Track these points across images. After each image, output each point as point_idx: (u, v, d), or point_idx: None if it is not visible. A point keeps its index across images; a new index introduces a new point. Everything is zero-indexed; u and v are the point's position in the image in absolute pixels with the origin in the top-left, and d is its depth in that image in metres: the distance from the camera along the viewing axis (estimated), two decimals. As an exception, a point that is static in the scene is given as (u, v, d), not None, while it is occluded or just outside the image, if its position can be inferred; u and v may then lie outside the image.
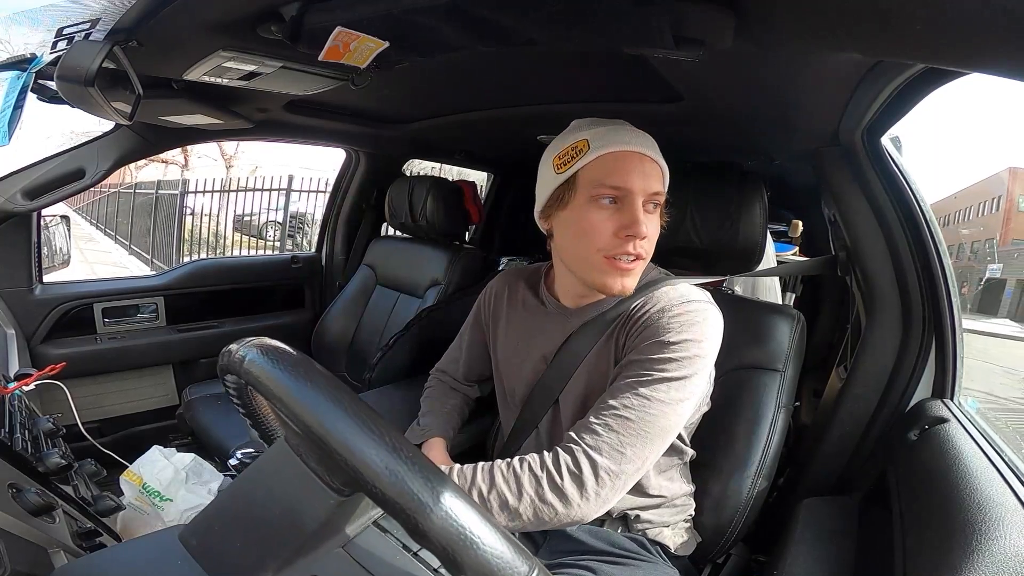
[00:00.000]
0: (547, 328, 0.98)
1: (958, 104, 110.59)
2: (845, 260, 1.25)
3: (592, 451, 0.75)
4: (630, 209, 0.81)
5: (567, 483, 0.73)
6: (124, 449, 1.40)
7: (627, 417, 0.76)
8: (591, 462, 0.74)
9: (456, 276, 1.95)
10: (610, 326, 0.90)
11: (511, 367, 1.04)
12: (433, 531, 0.41)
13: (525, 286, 1.06)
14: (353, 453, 0.43)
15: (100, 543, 0.86)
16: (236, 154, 14.23)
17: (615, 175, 0.80)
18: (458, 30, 0.75)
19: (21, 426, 0.99)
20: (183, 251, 7.18)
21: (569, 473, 0.74)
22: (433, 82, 1.27)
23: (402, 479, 0.42)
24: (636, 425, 0.76)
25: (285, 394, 0.46)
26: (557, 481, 0.73)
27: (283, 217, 6.84)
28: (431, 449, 1.03)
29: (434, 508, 0.41)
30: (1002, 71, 0.53)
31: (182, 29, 0.82)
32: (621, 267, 0.82)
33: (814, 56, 0.76)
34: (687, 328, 0.81)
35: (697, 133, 1.34)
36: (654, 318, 0.83)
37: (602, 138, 0.82)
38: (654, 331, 0.82)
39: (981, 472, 0.76)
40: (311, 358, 0.53)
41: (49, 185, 1.48)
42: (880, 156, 1.10)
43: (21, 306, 1.62)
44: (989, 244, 20.93)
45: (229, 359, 0.51)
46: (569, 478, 0.74)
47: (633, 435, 0.76)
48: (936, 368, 1.11)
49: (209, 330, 2.01)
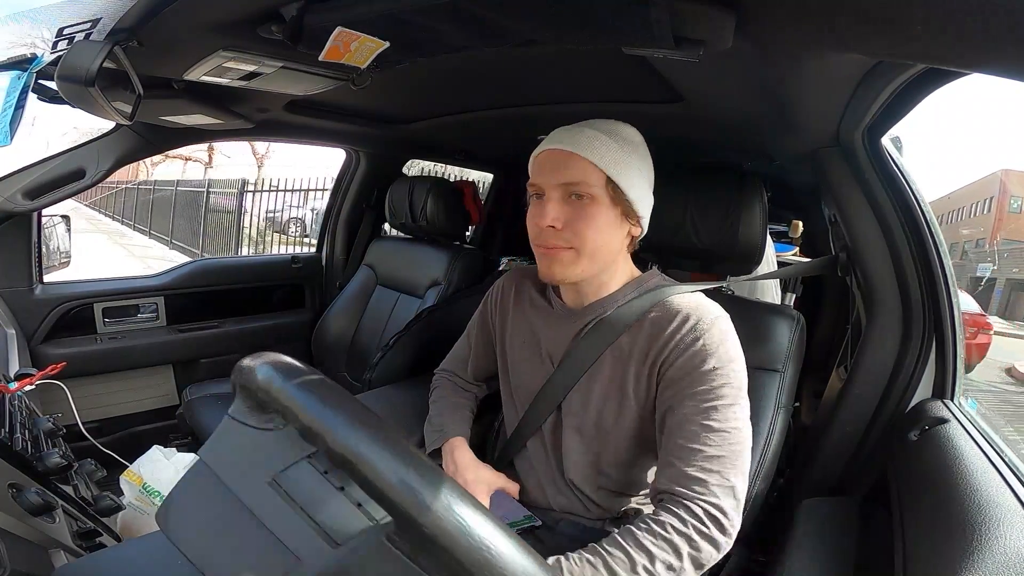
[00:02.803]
0: (553, 329, 0.99)
1: (956, 104, 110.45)
2: (845, 261, 1.25)
3: (710, 497, 0.78)
4: (542, 201, 0.88)
5: (714, 533, 0.76)
6: (124, 449, 1.40)
7: (719, 455, 0.80)
8: (714, 506, 0.77)
9: (456, 276, 1.95)
10: (619, 334, 0.92)
11: (517, 366, 1.05)
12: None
13: (532, 286, 1.07)
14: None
15: (100, 543, 0.86)
16: (267, 153, 14.66)
17: (535, 174, 0.89)
18: (458, 30, 0.75)
19: (21, 426, 0.99)
20: (240, 244, 7.76)
21: (712, 523, 0.77)
22: (433, 82, 1.27)
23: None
24: (723, 460, 0.79)
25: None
26: (706, 533, 0.76)
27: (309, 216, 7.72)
28: (456, 449, 1.03)
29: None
30: (1003, 71, 0.53)
31: (182, 29, 0.82)
32: (546, 254, 0.89)
33: (814, 56, 0.76)
34: (723, 347, 0.85)
35: (697, 133, 1.34)
36: (687, 342, 0.85)
37: (545, 142, 0.89)
38: (692, 360, 0.84)
39: (981, 472, 0.76)
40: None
41: (49, 185, 1.48)
42: (881, 157, 1.10)
43: (21, 306, 1.62)
44: (979, 244, 21.13)
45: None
46: (713, 526, 0.77)
47: (730, 468, 0.80)
48: (936, 368, 1.11)
49: (209, 330, 2.01)
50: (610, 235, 0.88)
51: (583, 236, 0.86)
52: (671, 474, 0.81)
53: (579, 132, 0.87)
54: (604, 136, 0.86)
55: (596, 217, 0.86)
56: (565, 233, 0.86)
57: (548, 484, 1.01)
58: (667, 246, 1.15)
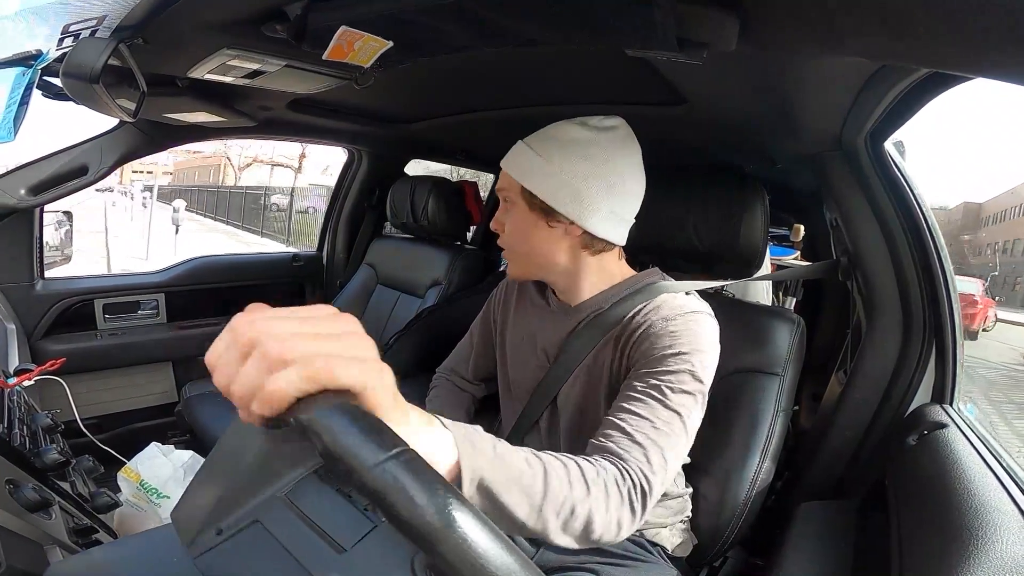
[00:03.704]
0: (548, 325, 1.00)
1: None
2: (847, 265, 1.25)
3: (646, 468, 0.72)
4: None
5: (637, 505, 0.69)
6: (122, 446, 1.40)
7: (666, 433, 0.75)
8: (647, 480, 0.71)
9: (457, 276, 1.95)
10: (610, 329, 0.91)
11: (516, 363, 1.06)
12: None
13: (533, 286, 1.08)
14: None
15: (96, 539, 0.86)
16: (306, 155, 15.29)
17: None
18: (462, 30, 0.75)
19: (20, 421, 0.99)
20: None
21: (639, 496, 0.70)
22: (435, 82, 1.27)
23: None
24: (668, 439, 0.75)
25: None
26: (632, 502, 0.69)
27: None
28: None
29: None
30: (1006, 75, 0.53)
31: (187, 27, 0.82)
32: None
33: (818, 60, 0.77)
34: (694, 338, 0.82)
35: (699, 136, 1.34)
36: (657, 328, 0.84)
37: None
38: (657, 342, 0.82)
39: (979, 478, 0.76)
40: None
41: (52, 181, 1.49)
42: (883, 161, 1.10)
43: (22, 301, 1.62)
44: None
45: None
46: (639, 499, 0.70)
47: (670, 449, 0.75)
48: (936, 373, 1.11)
49: (210, 327, 2.01)
50: (535, 236, 0.90)
51: (509, 238, 0.94)
52: (615, 436, 0.75)
53: (517, 145, 0.93)
54: (524, 147, 0.90)
55: (515, 220, 0.92)
56: (504, 237, 0.95)
57: None
58: (668, 248, 1.15)
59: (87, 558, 0.73)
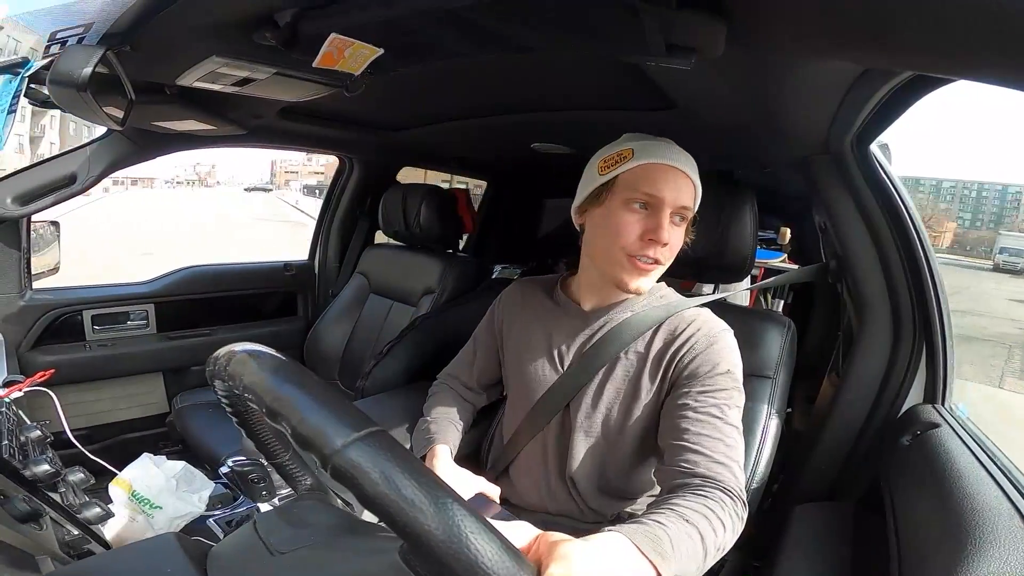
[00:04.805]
0: (562, 328, 1.01)
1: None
2: (836, 267, 1.26)
3: (736, 484, 0.79)
4: (657, 216, 0.89)
5: (743, 515, 0.78)
6: (114, 457, 1.37)
7: (736, 448, 0.83)
8: (743, 494, 0.80)
9: (450, 284, 1.95)
10: (631, 342, 0.95)
11: (522, 368, 1.05)
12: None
13: (541, 292, 1.10)
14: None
15: (88, 551, 0.85)
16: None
17: (650, 183, 0.88)
18: (453, 37, 0.75)
19: (9, 433, 0.98)
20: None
21: (740, 506, 0.78)
22: (427, 89, 1.27)
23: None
24: (737, 451, 0.83)
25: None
26: (739, 515, 0.77)
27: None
28: (435, 456, 1.02)
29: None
30: (990, 78, 0.54)
31: (176, 34, 0.82)
32: (640, 267, 0.90)
33: (805, 64, 0.77)
34: (733, 355, 0.91)
35: (689, 141, 1.34)
36: (701, 346, 0.91)
37: (646, 150, 0.90)
38: (706, 361, 0.89)
39: (973, 476, 0.76)
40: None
41: (40, 190, 1.47)
42: (869, 164, 1.11)
43: (10, 312, 1.60)
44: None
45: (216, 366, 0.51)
46: (742, 510, 0.78)
47: (740, 460, 0.83)
48: (927, 374, 1.12)
49: (200, 337, 1.99)
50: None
51: (669, 256, 0.92)
52: (701, 461, 0.80)
53: (684, 155, 0.92)
54: (687, 162, 0.92)
55: (679, 236, 0.93)
56: (664, 251, 0.90)
57: (545, 486, 1.01)
58: None
59: (79, 569, 0.72)
